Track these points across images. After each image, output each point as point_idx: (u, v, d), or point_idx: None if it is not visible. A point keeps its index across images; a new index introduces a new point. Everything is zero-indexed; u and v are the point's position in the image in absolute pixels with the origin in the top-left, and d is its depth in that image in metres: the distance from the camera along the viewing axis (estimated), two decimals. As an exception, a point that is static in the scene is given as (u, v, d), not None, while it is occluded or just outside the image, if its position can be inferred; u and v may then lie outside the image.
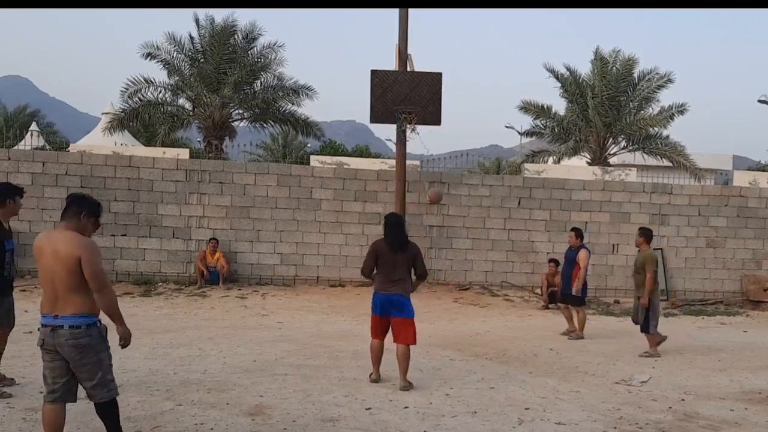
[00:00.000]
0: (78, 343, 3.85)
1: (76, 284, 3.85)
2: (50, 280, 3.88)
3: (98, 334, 3.95)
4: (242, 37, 19.03)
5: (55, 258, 3.84)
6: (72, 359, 3.89)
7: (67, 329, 3.84)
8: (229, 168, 13.84)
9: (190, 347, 7.75)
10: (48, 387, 3.97)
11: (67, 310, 3.86)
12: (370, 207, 13.90)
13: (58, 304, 3.87)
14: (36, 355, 6.98)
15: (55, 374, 3.94)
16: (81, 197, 4.05)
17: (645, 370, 7.45)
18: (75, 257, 3.81)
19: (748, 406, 6.04)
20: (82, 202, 4.02)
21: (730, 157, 31.02)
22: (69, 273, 3.83)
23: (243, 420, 4.99)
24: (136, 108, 18.27)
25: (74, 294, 3.86)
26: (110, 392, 4.00)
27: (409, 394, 5.93)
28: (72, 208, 3.97)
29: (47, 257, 3.88)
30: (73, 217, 3.96)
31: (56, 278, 3.85)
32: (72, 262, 3.82)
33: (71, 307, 3.86)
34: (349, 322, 10.32)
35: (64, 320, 3.86)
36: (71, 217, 3.96)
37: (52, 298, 3.89)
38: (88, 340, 3.89)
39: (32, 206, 12.99)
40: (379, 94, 12.81)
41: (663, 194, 14.61)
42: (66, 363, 3.91)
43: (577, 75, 19.89)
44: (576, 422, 5.27)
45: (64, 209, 4.01)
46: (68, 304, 3.86)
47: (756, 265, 14.76)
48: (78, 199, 4.03)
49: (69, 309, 3.86)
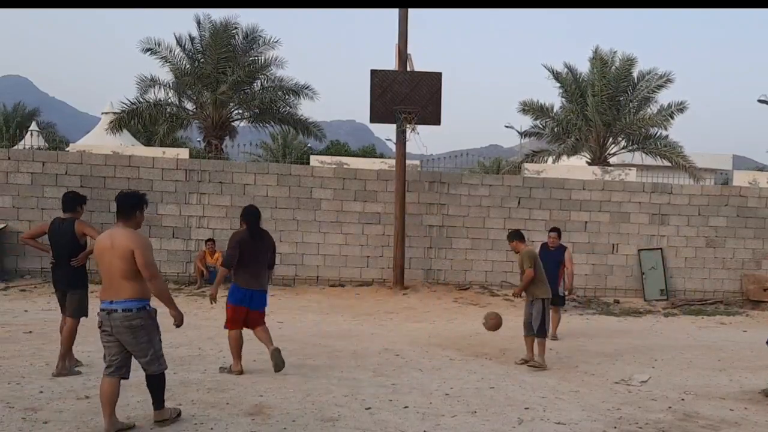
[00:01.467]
0: (130, 324, 4.51)
1: (131, 273, 4.50)
2: (108, 271, 4.54)
3: (148, 316, 4.60)
4: (242, 37, 19.03)
5: (116, 252, 4.50)
6: (125, 339, 4.54)
7: (120, 312, 4.50)
8: (229, 168, 13.84)
9: (190, 347, 7.75)
10: (105, 363, 4.63)
11: (120, 296, 4.50)
12: (370, 207, 13.90)
13: (113, 291, 4.53)
14: (36, 355, 7.00)
15: (111, 352, 4.59)
16: (129, 196, 4.74)
17: (645, 370, 7.46)
18: (128, 249, 4.47)
19: (747, 405, 6.04)
20: (134, 200, 4.70)
21: (730, 157, 31.04)
22: (127, 263, 4.47)
23: (243, 420, 4.99)
24: (136, 108, 18.28)
25: (127, 281, 4.50)
26: (161, 366, 4.70)
27: (409, 394, 5.93)
28: (125, 207, 4.66)
29: (107, 251, 4.54)
30: (128, 216, 4.65)
31: (113, 269, 4.50)
32: (127, 254, 4.47)
33: (125, 292, 4.50)
34: (349, 322, 10.32)
35: (118, 305, 4.50)
36: (126, 215, 4.65)
37: (108, 286, 4.55)
38: (139, 322, 4.54)
39: (32, 206, 13.00)
40: (379, 94, 12.82)
41: (663, 194, 14.60)
42: (119, 342, 4.56)
43: (577, 74, 19.90)
44: (576, 422, 5.27)
45: (117, 208, 4.67)
46: (122, 290, 4.50)
47: (756, 264, 14.76)
48: (125, 198, 4.71)
49: (123, 294, 4.50)
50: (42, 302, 10.98)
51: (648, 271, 14.28)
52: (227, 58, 18.47)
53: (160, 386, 4.74)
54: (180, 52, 18.74)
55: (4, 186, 12.94)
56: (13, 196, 12.96)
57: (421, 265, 13.91)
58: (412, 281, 13.50)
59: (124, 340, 4.56)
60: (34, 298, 11.30)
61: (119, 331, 4.53)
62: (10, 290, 11.79)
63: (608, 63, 18.93)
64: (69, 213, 6.33)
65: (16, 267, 12.89)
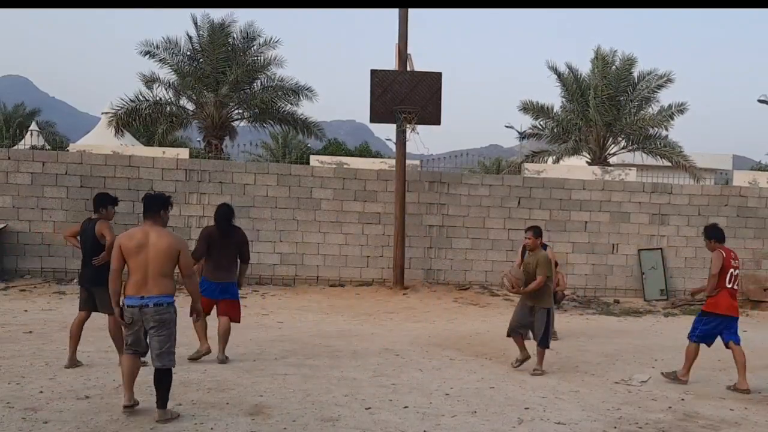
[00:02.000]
0: (161, 318, 4.87)
1: (168, 270, 4.88)
2: (143, 268, 4.84)
3: (174, 311, 4.99)
4: (241, 37, 19.02)
5: (154, 249, 4.85)
6: (152, 331, 4.87)
7: (152, 307, 4.84)
8: (229, 168, 13.84)
9: (190, 347, 7.74)
10: (125, 343, 5.04)
11: (154, 291, 4.85)
12: (370, 207, 13.90)
13: (145, 287, 4.84)
14: (36, 355, 7.00)
15: (133, 338, 4.95)
16: (153, 197, 5.17)
17: (645, 370, 7.46)
18: (176, 249, 4.90)
19: (747, 405, 6.05)
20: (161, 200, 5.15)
21: (730, 157, 31.00)
22: (169, 261, 4.87)
23: (243, 420, 4.99)
24: (136, 106, 18.27)
25: (165, 278, 4.88)
26: (171, 361, 4.94)
27: (409, 394, 5.93)
28: (152, 207, 5.06)
29: (144, 248, 4.86)
30: (156, 215, 5.05)
31: (150, 265, 4.83)
32: (173, 253, 4.89)
33: (159, 288, 4.86)
34: (349, 322, 10.32)
35: (151, 299, 4.84)
36: (154, 214, 5.05)
37: (141, 281, 4.84)
38: (169, 316, 4.93)
39: (32, 206, 13.00)
40: (379, 94, 12.82)
41: (663, 194, 14.61)
42: (137, 333, 4.92)
43: (578, 74, 19.89)
44: (576, 422, 5.27)
45: (145, 208, 5.09)
46: (157, 285, 4.85)
47: (756, 264, 14.76)
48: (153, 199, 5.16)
49: (157, 290, 4.85)
50: (42, 302, 10.98)
51: (648, 271, 14.29)
52: (226, 58, 18.46)
53: (167, 382, 4.91)
54: (179, 52, 18.73)
55: (4, 186, 12.94)
56: (13, 196, 12.96)
57: (421, 265, 13.91)
58: (412, 281, 13.51)
59: (150, 332, 4.90)
60: (34, 298, 11.30)
61: (149, 324, 4.87)
62: (10, 290, 11.79)
63: (609, 63, 18.92)
64: (96, 214, 6.63)
65: (16, 267, 12.89)
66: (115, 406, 5.20)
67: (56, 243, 13.01)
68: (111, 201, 6.72)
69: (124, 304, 4.91)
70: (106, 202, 6.69)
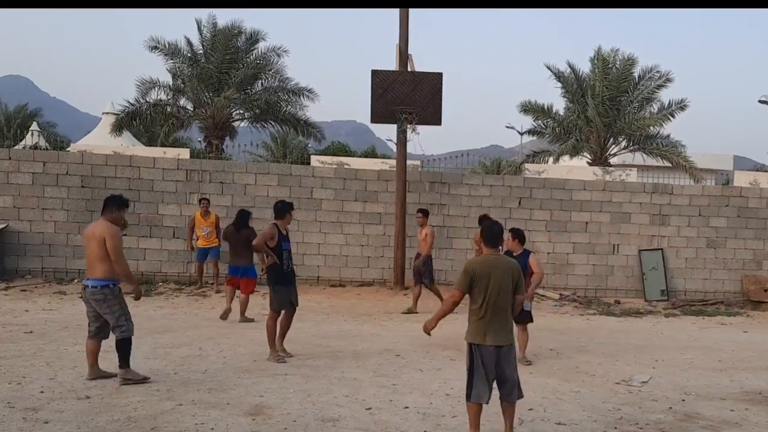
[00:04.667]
0: (96, 298, 5.87)
1: (102, 256, 5.82)
2: (88, 255, 5.91)
3: (110, 292, 5.89)
4: (245, 39, 19.07)
5: (92, 239, 5.85)
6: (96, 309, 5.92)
7: (90, 288, 5.89)
8: (230, 168, 13.84)
9: (191, 347, 7.75)
10: (89, 328, 6.04)
11: (94, 275, 5.88)
12: (371, 207, 13.90)
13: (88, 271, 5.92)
14: (36, 355, 7.00)
15: (90, 319, 5.99)
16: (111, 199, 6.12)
17: (645, 370, 7.45)
18: (102, 237, 5.81)
19: (748, 406, 6.04)
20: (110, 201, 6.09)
21: (730, 157, 31.01)
22: (99, 247, 5.81)
23: (243, 420, 4.99)
24: (136, 108, 18.29)
25: (100, 263, 5.83)
26: (123, 333, 5.88)
27: (410, 395, 5.93)
28: (107, 206, 6.04)
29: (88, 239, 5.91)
30: (107, 212, 6.02)
31: (91, 253, 5.84)
32: (101, 241, 5.81)
33: (97, 272, 5.86)
34: (349, 322, 10.32)
35: (89, 282, 5.92)
36: (107, 212, 6.02)
37: (88, 267, 5.92)
38: (103, 296, 5.87)
39: (33, 206, 13.00)
40: (380, 95, 12.81)
41: (663, 194, 14.60)
42: (95, 311, 5.93)
43: (579, 74, 19.89)
44: (576, 422, 5.27)
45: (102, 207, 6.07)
46: (95, 271, 5.86)
47: (756, 265, 14.74)
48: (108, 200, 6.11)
49: (95, 274, 5.87)
50: (43, 302, 10.99)
51: (649, 272, 14.28)
52: (231, 60, 18.50)
53: (122, 348, 5.90)
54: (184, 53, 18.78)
55: (5, 186, 12.95)
56: (13, 196, 12.96)
57: (422, 265, 13.88)
58: (413, 281, 13.48)
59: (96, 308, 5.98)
60: (34, 298, 11.30)
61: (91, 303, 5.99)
62: (11, 290, 11.80)
63: (609, 63, 18.92)
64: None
65: (17, 267, 12.89)
66: (115, 406, 5.21)
67: (57, 243, 13.03)
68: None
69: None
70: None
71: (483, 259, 4.88)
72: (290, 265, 7.37)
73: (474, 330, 4.84)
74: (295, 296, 7.48)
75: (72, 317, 9.59)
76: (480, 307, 4.77)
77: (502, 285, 4.72)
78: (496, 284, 4.72)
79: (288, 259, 7.32)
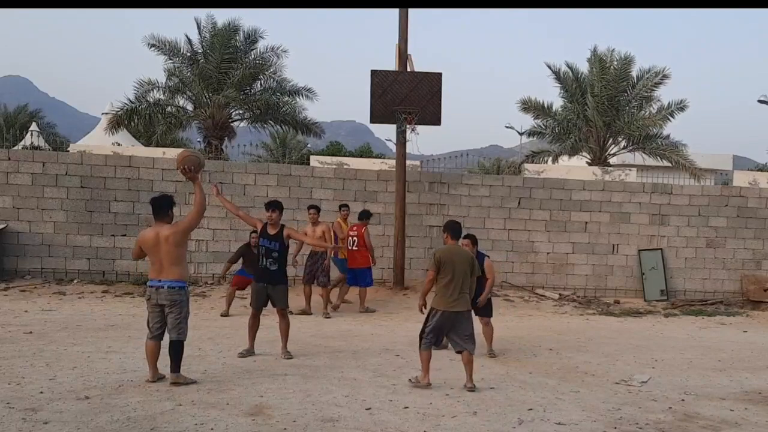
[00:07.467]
0: (174, 298, 5.94)
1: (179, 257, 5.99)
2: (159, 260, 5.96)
3: (185, 293, 6.07)
4: (243, 38, 19.08)
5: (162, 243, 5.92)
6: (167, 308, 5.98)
7: (168, 288, 5.95)
8: (229, 168, 13.83)
9: (190, 347, 7.73)
10: (150, 329, 6.10)
11: (169, 276, 5.96)
12: (371, 207, 13.84)
13: (162, 273, 5.96)
14: (36, 356, 6.99)
15: (154, 320, 6.05)
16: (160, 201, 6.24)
17: (645, 370, 7.46)
18: (175, 233, 5.96)
19: (748, 406, 6.04)
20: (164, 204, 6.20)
21: (730, 157, 31.02)
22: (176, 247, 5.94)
23: (243, 420, 4.99)
24: (135, 107, 18.29)
25: (176, 265, 5.96)
26: (180, 335, 6.02)
27: (409, 395, 5.93)
28: (162, 208, 6.13)
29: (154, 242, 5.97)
30: (162, 215, 6.12)
31: (165, 255, 5.92)
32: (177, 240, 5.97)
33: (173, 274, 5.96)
34: (349, 323, 10.32)
35: (165, 282, 5.95)
36: (163, 215, 6.12)
37: (158, 268, 5.96)
38: (180, 297, 5.99)
39: (32, 206, 12.99)
40: (379, 95, 12.81)
41: (663, 194, 14.60)
42: (161, 312, 6.00)
43: (578, 73, 19.90)
44: (576, 422, 5.27)
45: (155, 212, 6.14)
46: (171, 272, 5.96)
47: (756, 265, 14.75)
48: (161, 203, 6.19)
49: (171, 275, 5.96)
50: (42, 302, 10.99)
51: (648, 272, 14.28)
52: (230, 60, 18.51)
53: (178, 350, 5.99)
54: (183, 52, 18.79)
55: (5, 186, 12.94)
56: (13, 197, 12.95)
57: (422, 265, 13.88)
58: (413, 281, 13.49)
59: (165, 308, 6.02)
60: (34, 299, 11.30)
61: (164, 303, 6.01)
62: (10, 290, 11.79)
63: (607, 63, 18.92)
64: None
65: (16, 267, 12.88)
66: (115, 406, 5.21)
67: (56, 243, 13.02)
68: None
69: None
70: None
71: (447, 247, 6.47)
72: (265, 263, 7.41)
73: (439, 299, 6.29)
74: (279, 297, 7.42)
75: (71, 318, 9.60)
76: (447, 283, 6.24)
77: (463, 267, 6.32)
78: (459, 266, 6.28)
79: (264, 256, 7.42)
